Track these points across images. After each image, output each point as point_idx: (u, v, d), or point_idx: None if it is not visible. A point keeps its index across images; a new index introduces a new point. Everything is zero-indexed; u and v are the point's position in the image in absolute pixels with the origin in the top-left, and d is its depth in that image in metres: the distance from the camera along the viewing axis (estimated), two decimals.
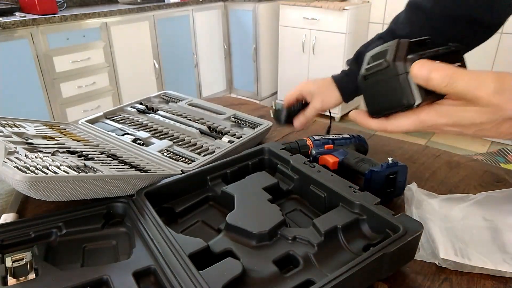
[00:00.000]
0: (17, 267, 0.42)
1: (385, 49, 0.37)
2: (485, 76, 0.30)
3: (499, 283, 0.45)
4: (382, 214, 0.46)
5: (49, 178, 0.46)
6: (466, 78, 0.30)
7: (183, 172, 0.61)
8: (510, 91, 0.30)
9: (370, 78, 0.38)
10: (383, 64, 0.36)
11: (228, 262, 0.42)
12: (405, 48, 0.35)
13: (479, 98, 0.31)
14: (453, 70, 0.31)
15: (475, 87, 0.30)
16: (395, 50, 0.36)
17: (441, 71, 0.31)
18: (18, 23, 1.92)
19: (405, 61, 0.35)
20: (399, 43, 0.36)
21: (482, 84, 0.30)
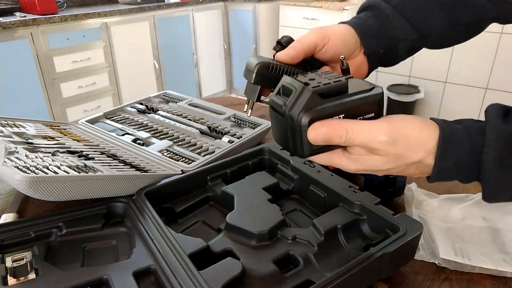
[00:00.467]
0: (17, 267, 0.42)
1: (291, 88, 0.34)
2: (378, 129, 0.33)
3: (499, 283, 0.45)
4: (382, 214, 0.46)
5: (50, 178, 0.46)
6: (360, 134, 0.32)
7: (183, 172, 0.61)
8: (402, 142, 0.33)
9: (274, 112, 0.36)
10: (282, 108, 0.34)
11: (228, 262, 0.42)
12: (305, 100, 0.32)
13: (376, 149, 0.33)
14: (346, 127, 0.32)
15: (370, 141, 0.32)
16: (295, 98, 0.32)
17: (336, 132, 0.32)
18: (18, 23, 1.92)
19: (298, 115, 0.32)
20: (302, 91, 0.32)
21: (375, 137, 0.32)
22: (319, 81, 0.33)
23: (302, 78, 0.34)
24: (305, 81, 0.33)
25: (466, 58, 2.63)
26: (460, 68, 2.67)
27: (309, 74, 0.36)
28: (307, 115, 0.32)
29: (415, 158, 0.33)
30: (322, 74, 0.36)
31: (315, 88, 0.32)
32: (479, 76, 2.61)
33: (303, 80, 0.34)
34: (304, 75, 0.35)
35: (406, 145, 0.33)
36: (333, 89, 0.33)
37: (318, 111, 0.32)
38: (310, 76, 0.35)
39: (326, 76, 0.35)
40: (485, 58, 2.55)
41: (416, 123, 0.34)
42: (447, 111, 2.84)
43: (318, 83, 0.33)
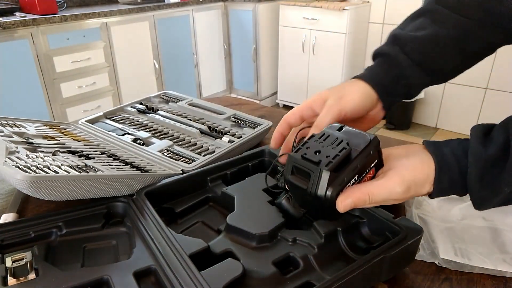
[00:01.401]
0: (17, 267, 0.41)
1: (307, 171, 0.37)
2: (393, 184, 0.38)
3: (499, 283, 0.45)
4: (382, 217, 0.46)
5: (50, 177, 0.46)
6: (379, 192, 0.38)
7: (183, 171, 0.61)
8: (414, 185, 0.39)
9: (296, 189, 0.39)
10: (306, 191, 0.37)
11: (228, 262, 0.42)
12: (326, 180, 0.36)
13: (394, 200, 0.39)
14: (367, 192, 0.38)
15: (388, 196, 0.38)
16: (316, 181, 0.36)
17: (360, 199, 0.37)
18: (18, 23, 1.92)
19: (325, 194, 0.36)
20: (320, 174, 0.36)
21: (392, 191, 0.38)
22: (327, 154, 0.37)
23: (311, 155, 0.38)
24: (317, 159, 0.37)
25: None
26: None
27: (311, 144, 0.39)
28: (333, 191, 0.36)
29: (423, 192, 0.40)
30: (321, 140, 0.39)
31: (329, 166, 0.36)
32: (479, 76, 2.61)
33: (313, 158, 0.37)
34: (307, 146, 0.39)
35: (416, 186, 0.39)
36: (343, 160, 0.37)
37: (338, 184, 0.37)
38: (313, 148, 0.38)
39: (327, 144, 0.38)
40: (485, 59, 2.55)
41: (418, 164, 0.40)
42: (447, 111, 2.84)
43: (327, 157, 0.37)
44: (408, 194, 0.39)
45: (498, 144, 0.37)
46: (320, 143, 0.39)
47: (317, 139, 0.39)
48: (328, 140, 0.39)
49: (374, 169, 0.40)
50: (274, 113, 0.98)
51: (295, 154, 0.39)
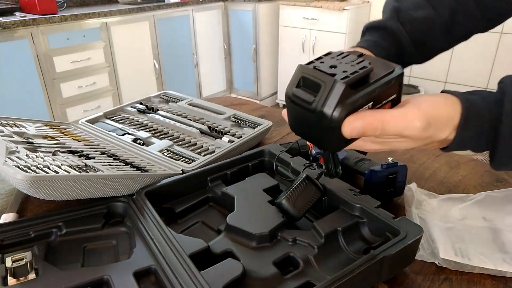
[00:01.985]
0: (17, 267, 0.41)
1: (318, 82, 0.31)
2: (411, 116, 0.33)
3: (499, 283, 0.45)
4: (382, 217, 0.46)
5: (51, 177, 0.46)
6: (394, 123, 0.33)
7: (183, 171, 0.61)
8: (435, 124, 0.33)
9: (297, 106, 0.33)
10: (310, 106, 0.31)
11: (228, 262, 0.42)
12: (338, 95, 0.30)
13: (410, 136, 0.34)
14: (381, 119, 0.32)
15: (404, 128, 0.33)
16: (327, 93, 0.30)
17: (371, 125, 0.32)
18: (18, 23, 1.92)
19: (333, 111, 0.30)
20: (333, 86, 0.30)
21: (410, 125, 0.33)
22: (344, 69, 0.32)
23: (325, 68, 0.32)
24: (331, 72, 0.31)
25: (466, 58, 2.63)
26: (460, 68, 2.68)
27: (326, 60, 0.33)
28: (342, 111, 0.31)
29: (442, 136, 0.34)
30: (339, 58, 0.33)
31: (345, 80, 0.30)
32: (479, 76, 2.61)
33: (328, 71, 0.31)
34: (322, 61, 0.33)
35: (437, 126, 0.33)
36: (361, 78, 0.32)
37: (350, 104, 0.31)
38: (329, 63, 0.33)
39: (346, 61, 0.33)
40: (485, 58, 2.55)
41: (441, 102, 0.34)
42: None
43: (344, 72, 0.31)
44: (426, 132, 0.33)
45: None
46: (337, 60, 0.33)
47: (334, 56, 0.34)
48: (347, 58, 0.33)
49: (390, 103, 0.35)
50: (274, 113, 0.98)
51: (306, 65, 0.33)
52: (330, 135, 0.33)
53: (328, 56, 0.34)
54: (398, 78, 0.34)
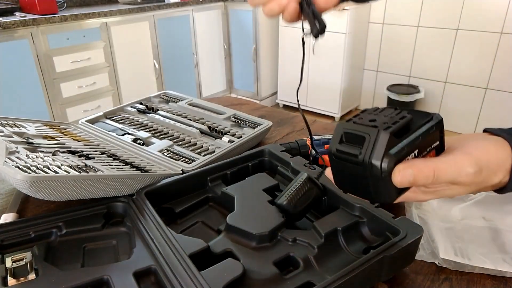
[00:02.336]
0: (17, 267, 0.41)
1: (362, 134, 0.32)
2: (463, 162, 0.33)
3: (499, 283, 0.45)
4: (382, 217, 0.46)
5: (50, 177, 0.46)
6: (447, 170, 0.32)
7: (183, 171, 0.61)
8: (486, 169, 0.33)
9: (342, 161, 0.33)
10: (357, 158, 0.32)
11: (228, 262, 0.42)
12: (384, 144, 0.30)
13: (462, 182, 0.33)
14: (433, 167, 0.32)
15: (456, 176, 0.33)
16: (372, 145, 0.31)
17: (422, 173, 0.32)
18: (18, 23, 1.92)
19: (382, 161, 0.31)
20: (378, 136, 0.31)
21: (462, 171, 0.32)
22: (384, 121, 0.32)
23: (365, 121, 0.32)
24: (373, 124, 0.32)
25: (466, 58, 2.63)
26: (460, 68, 2.68)
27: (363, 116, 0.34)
28: (391, 160, 0.31)
29: (496, 180, 0.34)
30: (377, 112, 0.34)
31: (388, 130, 0.31)
32: (479, 76, 2.61)
33: (369, 124, 0.32)
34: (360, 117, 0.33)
35: (489, 170, 0.33)
36: (403, 126, 0.32)
37: (398, 153, 0.31)
38: (368, 117, 0.33)
39: (385, 114, 0.33)
40: (485, 58, 2.55)
41: (491, 146, 0.34)
42: (447, 111, 2.84)
43: (385, 124, 0.32)
44: (479, 177, 0.33)
45: None
46: (375, 114, 0.33)
47: (371, 112, 0.34)
48: (384, 111, 0.34)
49: (434, 151, 0.35)
50: (274, 113, 0.98)
51: (345, 122, 0.33)
52: (380, 186, 0.32)
53: (365, 112, 0.34)
54: (438, 125, 0.34)
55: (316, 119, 0.95)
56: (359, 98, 3.23)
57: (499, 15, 2.42)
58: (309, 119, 0.93)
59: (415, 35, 2.79)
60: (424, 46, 2.77)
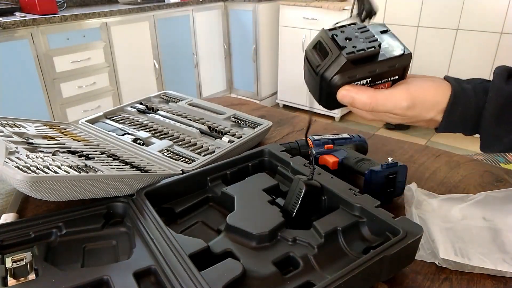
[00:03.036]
0: (17, 267, 0.41)
1: (327, 50, 0.37)
2: (399, 98, 0.38)
3: (499, 283, 0.45)
4: (382, 217, 0.46)
5: (50, 178, 0.46)
6: (383, 103, 0.38)
7: (183, 172, 0.61)
8: (420, 105, 0.38)
9: (307, 61, 0.40)
10: (316, 68, 0.38)
11: (228, 262, 0.42)
12: (339, 67, 0.36)
13: (397, 113, 0.39)
14: (371, 98, 0.38)
15: (392, 108, 0.38)
16: (330, 62, 0.37)
17: (361, 100, 0.38)
18: (18, 23, 1.92)
19: (331, 79, 0.37)
20: (338, 58, 0.36)
21: (397, 105, 0.38)
22: (355, 44, 0.36)
23: (341, 38, 0.37)
24: (342, 44, 0.36)
25: (466, 58, 2.63)
26: (460, 68, 2.67)
27: (347, 30, 0.38)
28: (339, 80, 0.36)
29: (427, 116, 0.39)
30: (359, 31, 0.38)
31: (349, 55, 0.35)
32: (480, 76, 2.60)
33: (340, 43, 0.36)
34: (342, 30, 0.38)
35: (422, 107, 0.38)
36: (366, 57, 0.36)
37: (349, 76, 0.36)
38: (347, 34, 0.37)
39: (362, 37, 0.37)
40: (485, 58, 2.55)
41: (432, 87, 0.39)
42: None
43: (353, 48, 0.36)
44: (412, 111, 0.38)
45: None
46: (356, 33, 0.38)
47: (355, 28, 0.38)
48: (365, 33, 0.38)
49: (391, 82, 0.40)
50: (274, 113, 0.98)
51: (327, 30, 0.38)
52: (327, 96, 0.39)
53: (351, 26, 0.39)
54: (403, 62, 0.38)
55: (316, 119, 0.95)
56: None
57: (499, 15, 2.42)
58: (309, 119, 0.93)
59: (415, 35, 2.79)
60: (424, 46, 2.77)
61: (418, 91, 0.38)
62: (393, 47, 0.38)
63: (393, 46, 0.38)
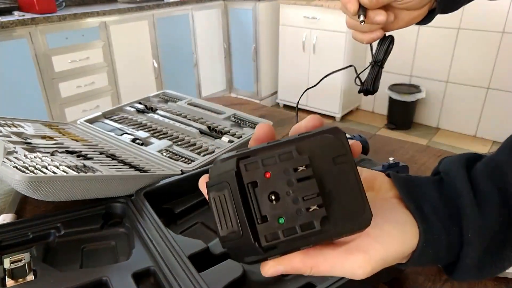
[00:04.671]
0: (16, 268, 0.41)
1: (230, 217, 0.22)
2: (350, 265, 0.26)
3: (500, 283, 0.45)
4: None
5: (49, 178, 0.45)
6: (329, 271, 0.26)
7: (182, 172, 0.60)
8: (380, 266, 0.27)
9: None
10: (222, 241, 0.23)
11: (228, 264, 0.42)
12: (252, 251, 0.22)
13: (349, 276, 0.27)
14: (311, 264, 0.26)
15: (342, 275, 0.27)
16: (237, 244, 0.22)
17: (298, 270, 0.26)
18: (17, 23, 1.92)
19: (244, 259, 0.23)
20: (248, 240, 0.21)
21: (349, 274, 0.26)
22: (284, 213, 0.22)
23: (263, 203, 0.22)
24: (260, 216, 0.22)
25: (467, 58, 2.63)
26: (461, 68, 2.67)
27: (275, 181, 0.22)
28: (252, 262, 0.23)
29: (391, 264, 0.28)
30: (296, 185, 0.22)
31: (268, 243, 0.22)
32: (481, 75, 2.61)
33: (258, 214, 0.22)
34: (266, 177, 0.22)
35: (382, 267, 0.27)
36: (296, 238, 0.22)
37: (266, 257, 0.23)
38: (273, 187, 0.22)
39: (298, 198, 0.22)
40: (486, 57, 2.55)
41: (395, 241, 0.27)
42: (448, 111, 2.84)
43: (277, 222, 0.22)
44: (371, 274, 0.27)
45: (495, 207, 0.27)
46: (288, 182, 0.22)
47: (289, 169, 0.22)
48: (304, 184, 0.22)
49: None
50: (274, 113, 0.98)
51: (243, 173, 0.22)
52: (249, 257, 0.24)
53: (287, 159, 0.22)
54: (357, 232, 0.24)
55: None
56: (359, 98, 3.23)
57: (501, 15, 2.42)
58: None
59: (416, 34, 2.78)
60: (426, 45, 2.77)
61: (379, 251, 0.26)
62: (345, 205, 0.23)
63: (346, 203, 0.23)
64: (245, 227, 0.22)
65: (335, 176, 0.23)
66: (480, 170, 0.29)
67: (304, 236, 0.22)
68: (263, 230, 0.22)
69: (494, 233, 0.28)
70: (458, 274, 0.30)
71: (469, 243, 0.28)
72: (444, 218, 0.28)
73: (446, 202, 0.29)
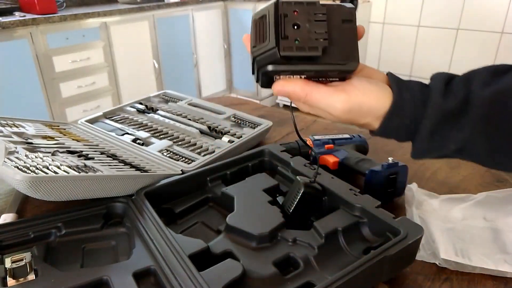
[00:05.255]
0: (17, 267, 0.41)
1: (267, 36, 0.33)
2: (336, 98, 0.37)
3: (499, 283, 0.45)
4: (382, 217, 0.46)
5: (50, 178, 0.45)
6: (318, 100, 0.37)
7: (183, 172, 0.60)
8: (356, 110, 0.37)
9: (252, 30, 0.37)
10: (252, 48, 0.35)
11: (228, 263, 0.42)
12: (270, 59, 0.33)
13: (330, 113, 0.38)
14: (306, 92, 0.36)
15: (325, 107, 0.37)
16: (264, 51, 0.34)
17: (295, 94, 0.37)
18: (18, 23, 1.92)
19: (263, 69, 0.35)
20: (272, 49, 0.33)
21: (331, 105, 0.37)
22: (298, 37, 0.33)
23: (289, 24, 0.33)
24: (284, 33, 0.33)
25: (467, 58, 2.63)
26: (461, 68, 2.65)
27: (302, 12, 0.33)
28: (269, 70, 0.34)
29: (362, 121, 0.39)
30: (314, 18, 0.33)
31: (284, 52, 0.32)
32: None
33: (283, 30, 0.33)
34: (296, 10, 0.33)
35: (358, 113, 0.37)
36: (303, 57, 0.33)
37: (281, 70, 0.34)
38: (298, 17, 0.33)
39: (314, 29, 0.33)
40: (485, 57, 2.55)
41: (372, 93, 0.37)
42: None
43: (295, 41, 0.33)
44: (347, 115, 0.37)
45: (457, 99, 0.36)
46: (309, 18, 0.33)
47: (312, 10, 0.33)
48: (318, 24, 0.33)
49: (329, 81, 0.38)
50: (274, 113, 0.98)
51: (280, 4, 0.33)
52: (260, 75, 0.37)
53: (311, 6, 0.34)
54: (344, 72, 0.36)
55: (316, 119, 0.95)
56: None
57: (500, 15, 2.42)
58: (309, 119, 0.93)
59: (415, 34, 2.79)
60: (425, 45, 2.77)
61: (357, 95, 0.37)
62: (342, 50, 0.34)
63: (342, 48, 0.34)
64: (272, 39, 0.33)
65: (340, 30, 0.34)
66: (457, 78, 0.38)
67: (308, 58, 0.33)
68: (284, 43, 0.33)
69: (449, 114, 0.36)
70: (414, 146, 0.39)
71: (427, 117, 0.36)
72: (415, 97, 0.37)
73: (421, 92, 0.38)
